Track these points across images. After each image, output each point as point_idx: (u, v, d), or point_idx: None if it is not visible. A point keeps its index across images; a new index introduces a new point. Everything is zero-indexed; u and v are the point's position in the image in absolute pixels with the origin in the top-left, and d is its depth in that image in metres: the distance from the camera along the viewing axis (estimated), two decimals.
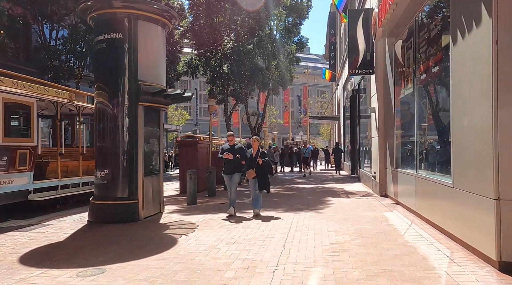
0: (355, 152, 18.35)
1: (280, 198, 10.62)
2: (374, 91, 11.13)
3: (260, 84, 19.73)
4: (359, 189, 12.44)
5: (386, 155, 10.07)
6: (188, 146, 12.53)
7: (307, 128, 44.04)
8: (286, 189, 12.95)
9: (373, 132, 11.36)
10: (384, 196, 10.27)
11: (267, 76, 20.47)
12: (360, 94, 15.33)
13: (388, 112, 9.88)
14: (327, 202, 9.58)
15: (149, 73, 7.82)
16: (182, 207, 9.38)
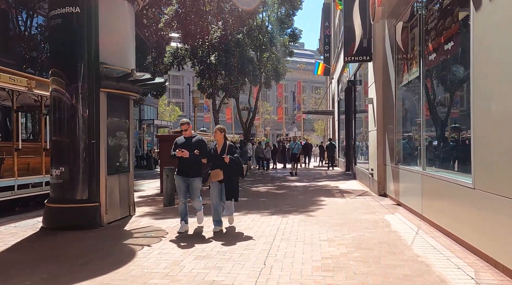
0: (350, 148, 17.31)
1: (268, 198, 9.54)
2: (371, 80, 10.05)
3: (250, 77, 18.63)
4: (354, 187, 11.39)
5: (386, 150, 9.01)
6: (169, 141, 11.36)
7: (301, 124, 42.99)
8: (276, 187, 11.87)
9: (370, 125, 10.30)
10: (383, 195, 9.23)
11: (258, 68, 19.33)
12: (356, 86, 14.26)
13: (388, 103, 8.81)
14: (320, 203, 8.51)
15: (114, 55, 6.69)
16: (157, 209, 8.27)
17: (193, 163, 5.75)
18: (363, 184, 11.97)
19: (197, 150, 5.66)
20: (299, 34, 23.78)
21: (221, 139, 5.80)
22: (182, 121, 6.02)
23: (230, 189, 5.84)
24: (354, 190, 10.68)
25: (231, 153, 5.70)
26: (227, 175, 5.70)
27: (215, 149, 5.79)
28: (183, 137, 5.95)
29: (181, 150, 5.66)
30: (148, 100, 36.46)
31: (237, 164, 5.75)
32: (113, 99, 6.77)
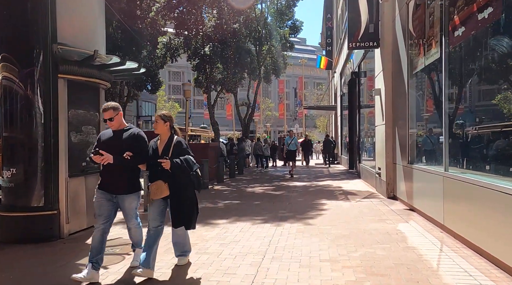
0: (353, 144, 16.18)
1: (263, 201, 8.44)
2: (379, 69, 8.92)
3: (248, 70, 17.49)
4: (359, 188, 10.28)
5: (396, 146, 7.89)
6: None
7: (303, 120, 41.83)
8: (273, 188, 10.77)
9: (377, 119, 9.17)
10: (392, 198, 8.12)
11: (257, 61, 18.17)
12: (360, 78, 13.11)
13: (398, 93, 7.68)
14: (321, 207, 7.41)
15: (76, 36, 5.59)
16: None
17: (124, 172, 3.71)
18: (368, 184, 10.86)
19: (129, 151, 3.59)
20: (300, 26, 22.56)
21: (166, 132, 3.78)
22: (105, 106, 3.78)
23: (177, 210, 3.75)
24: (359, 191, 9.56)
25: (178, 153, 3.65)
26: (174, 188, 3.68)
27: (155, 148, 3.76)
28: (111, 131, 3.83)
29: (99, 152, 3.54)
30: (146, 96, 35.42)
31: (185, 171, 3.61)
32: (76, 88, 5.69)
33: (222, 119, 52.05)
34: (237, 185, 11.81)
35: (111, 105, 3.80)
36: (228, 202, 8.43)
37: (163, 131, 3.79)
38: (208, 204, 8.20)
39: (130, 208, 3.88)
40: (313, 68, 63.08)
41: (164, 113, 3.87)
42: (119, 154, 3.59)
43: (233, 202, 8.42)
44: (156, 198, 3.72)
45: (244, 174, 15.89)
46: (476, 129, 4.83)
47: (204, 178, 10.99)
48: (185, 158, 3.66)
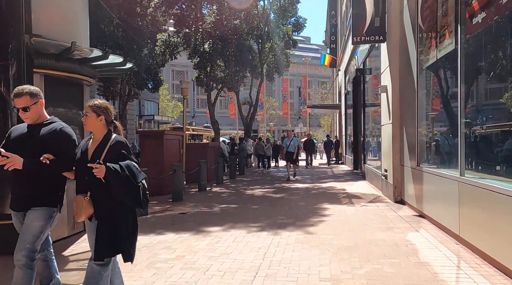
0: (358, 144, 15.59)
1: (262, 204, 7.91)
2: (385, 65, 8.35)
3: (250, 68, 16.95)
4: (364, 190, 9.71)
5: (403, 147, 7.32)
6: (151, 138, 9.83)
7: (307, 119, 41.21)
8: (273, 190, 10.24)
9: (383, 118, 8.60)
10: (399, 202, 7.55)
11: (258, 58, 17.61)
12: (365, 75, 12.52)
13: (406, 90, 7.12)
14: (323, 213, 6.87)
15: (54, 28, 5.11)
16: None
17: (41, 182, 2.79)
18: (374, 186, 10.29)
19: (48, 154, 2.71)
20: (304, 23, 21.97)
21: (100, 129, 2.71)
22: (18, 91, 2.77)
23: (105, 238, 2.58)
24: (364, 194, 9.00)
25: (116, 157, 2.62)
26: (103, 204, 2.61)
27: (84, 150, 2.73)
28: (25, 126, 2.89)
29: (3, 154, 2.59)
30: (149, 95, 35.02)
31: (125, 182, 2.54)
32: (56, 84, 5.22)
33: (226, 118, 51.60)
34: (236, 187, 11.29)
35: (26, 90, 2.75)
36: (225, 205, 7.91)
37: (95, 128, 2.71)
38: (203, 208, 7.70)
39: (26, 229, 2.73)
40: (317, 67, 62.36)
41: (97, 104, 2.70)
42: (32, 156, 2.67)
43: (230, 205, 7.90)
44: (79, 220, 2.62)
45: (245, 174, 15.38)
46: (496, 129, 4.27)
47: (202, 180, 10.52)
48: (126, 165, 2.58)
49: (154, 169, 9.52)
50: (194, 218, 6.68)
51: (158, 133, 9.80)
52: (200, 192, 10.17)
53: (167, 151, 9.91)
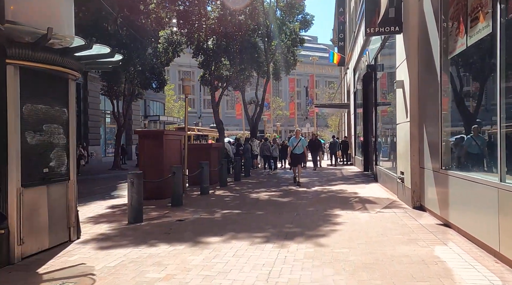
0: (369, 145, 14.84)
1: (267, 210, 7.24)
2: (401, 58, 7.63)
3: (255, 65, 16.28)
4: (377, 194, 9.00)
5: (423, 148, 6.60)
6: (150, 138, 9.20)
7: (314, 119, 40.42)
8: (280, 194, 9.55)
9: (399, 116, 7.88)
10: (418, 208, 6.83)
11: (264, 56, 16.94)
12: (377, 71, 11.78)
13: (427, 84, 6.39)
14: (334, 220, 6.18)
15: (34, 14, 4.50)
16: (116, 227, 6.08)
17: None
18: (388, 189, 9.56)
19: None
20: (311, 21, 21.21)
21: None
22: None
23: None
24: (377, 199, 8.28)
25: None
26: None
27: None
28: None
29: None
30: (155, 96, 34.54)
31: None
32: (34, 78, 4.61)
33: (232, 118, 50.99)
34: (241, 190, 10.63)
35: None
36: (227, 211, 7.26)
37: None
38: (203, 213, 7.05)
39: None
40: (325, 66, 61.50)
41: None
42: None
43: (232, 211, 7.24)
44: None
45: (251, 176, 14.71)
46: None
47: (204, 183, 9.88)
48: None
49: (153, 171, 8.92)
50: (192, 226, 6.04)
51: (157, 134, 9.19)
52: (202, 196, 9.54)
53: (167, 152, 9.29)
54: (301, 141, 11.27)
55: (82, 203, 8.37)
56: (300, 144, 11.16)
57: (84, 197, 9.65)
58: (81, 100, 24.85)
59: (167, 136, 9.40)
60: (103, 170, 19.00)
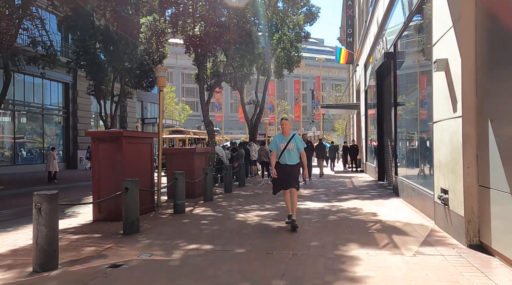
0: (384, 150, 12.44)
1: (251, 245, 4.88)
2: (444, 26, 5.26)
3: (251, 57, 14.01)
4: (404, 216, 6.61)
5: (488, 157, 4.22)
6: (105, 141, 6.92)
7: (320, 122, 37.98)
8: (276, 214, 7.19)
9: (438, 110, 5.51)
10: (476, 247, 4.44)
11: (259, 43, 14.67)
12: (397, 60, 9.41)
13: (497, 60, 4.03)
14: (351, 271, 3.82)
15: None
16: (10, 280, 3.79)
17: None
18: (416, 208, 7.17)
19: None
20: (317, 13, 18.93)
21: None
22: None
23: None
24: (407, 225, 5.89)
25: None
26: None
27: None
28: None
29: None
30: (153, 98, 32.45)
31: None
32: None
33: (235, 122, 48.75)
34: (227, 206, 8.31)
35: None
36: (194, 246, 4.94)
37: None
38: (157, 251, 4.73)
39: None
40: (331, 69, 59.09)
41: None
42: None
43: (201, 247, 4.92)
44: None
45: (246, 186, 12.39)
46: None
47: (178, 198, 7.58)
48: None
49: (109, 184, 6.68)
50: (126, 281, 3.74)
51: (114, 135, 6.90)
52: (175, 216, 7.25)
53: (128, 159, 7.01)
54: (295, 140, 5.99)
55: None
56: (293, 145, 5.96)
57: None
58: (70, 101, 22.84)
59: (129, 139, 7.13)
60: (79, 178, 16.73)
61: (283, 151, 5.93)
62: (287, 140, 5.97)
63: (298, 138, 6.07)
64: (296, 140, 6.00)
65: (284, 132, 6.06)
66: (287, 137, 6.01)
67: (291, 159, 5.96)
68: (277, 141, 6.08)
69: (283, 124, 6.06)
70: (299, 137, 6.13)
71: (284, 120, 6.11)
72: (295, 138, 6.01)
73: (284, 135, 6.05)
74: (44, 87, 21.28)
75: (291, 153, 5.96)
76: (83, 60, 17.55)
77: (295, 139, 6.02)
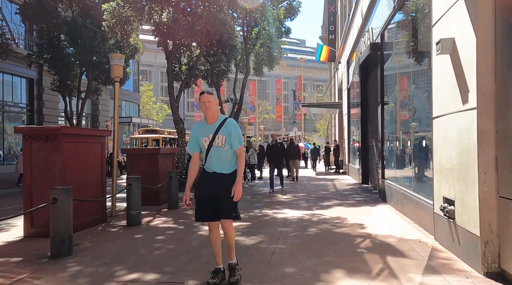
0: (368, 151, 11.52)
1: (210, 268, 3.73)
2: (445, 4, 4.25)
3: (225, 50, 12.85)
4: (397, 228, 5.60)
5: (509, 160, 3.20)
6: (40, 140, 5.62)
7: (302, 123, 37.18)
8: (247, 226, 6.05)
9: (440, 103, 4.51)
10: (497, 276, 3.42)
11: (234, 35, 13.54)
12: (385, 51, 8.45)
13: None
14: None
15: None
16: None
17: None
18: (409, 218, 6.17)
19: None
20: (298, 8, 17.92)
21: None
22: None
23: None
24: (402, 241, 4.85)
25: None
26: None
27: None
28: None
29: None
30: (128, 96, 30.84)
31: None
32: None
33: None
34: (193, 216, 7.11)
35: None
36: (134, 277, 3.74)
37: None
38: None
39: None
40: (312, 69, 58.50)
41: None
42: None
43: (142, 279, 3.72)
44: None
45: None
46: None
47: (132, 208, 6.34)
48: None
49: (42, 193, 5.39)
50: None
51: (50, 132, 5.60)
52: (126, 230, 6.01)
53: (70, 161, 5.74)
54: (227, 130, 3.41)
55: None
56: (224, 139, 3.42)
57: None
58: (35, 98, 21.07)
59: (70, 138, 5.84)
60: None
61: (209, 150, 3.38)
62: (214, 131, 3.36)
63: (233, 126, 3.40)
64: (229, 130, 3.36)
65: (208, 117, 3.39)
66: (213, 124, 3.38)
67: (222, 163, 3.40)
68: (196, 133, 3.44)
69: (204, 103, 3.31)
70: (235, 124, 3.46)
71: (205, 96, 3.32)
72: (227, 126, 3.38)
73: (208, 122, 3.39)
74: (5, 83, 19.50)
75: (222, 153, 3.38)
76: (46, 53, 16.00)
77: (228, 127, 3.38)
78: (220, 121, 3.40)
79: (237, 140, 3.38)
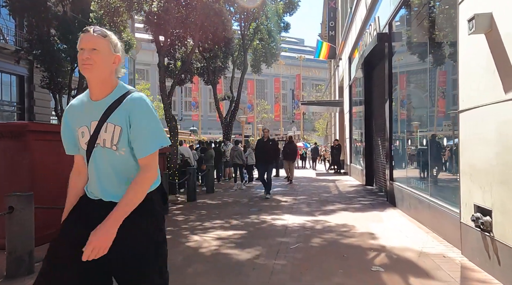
0: (372, 151, 10.79)
1: None
2: None
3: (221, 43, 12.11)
4: (413, 239, 4.86)
5: None
6: (4, 138, 4.85)
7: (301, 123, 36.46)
8: (242, 234, 5.31)
9: (470, 93, 3.77)
10: None
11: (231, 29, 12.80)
12: (394, 41, 7.71)
13: None
14: None
15: None
16: None
17: None
18: (422, 225, 5.42)
19: None
20: (297, 2, 17.23)
21: None
22: None
23: None
24: (422, 255, 4.11)
25: None
26: None
27: None
28: None
29: None
30: None
31: None
32: None
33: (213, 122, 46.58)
34: (183, 223, 6.36)
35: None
36: None
37: None
38: None
39: None
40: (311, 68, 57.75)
41: None
42: None
43: None
44: None
45: (216, 192, 10.48)
46: None
47: None
48: None
49: None
50: None
51: (15, 129, 4.81)
52: None
53: (41, 162, 4.98)
54: (120, 114, 1.58)
55: None
56: (118, 133, 1.59)
57: None
58: (25, 96, 20.28)
59: (40, 135, 5.07)
60: None
61: (89, 154, 1.66)
62: (99, 116, 1.61)
63: (141, 109, 1.59)
64: (131, 116, 1.58)
65: (92, 87, 1.64)
66: (101, 102, 1.63)
67: (112, 181, 1.64)
68: (69, 119, 1.73)
69: (83, 51, 1.59)
70: (145, 104, 1.60)
71: (85, 36, 1.61)
72: (127, 106, 1.59)
73: (92, 98, 1.65)
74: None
75: (115, 161, 1.63)
76: (36, 49, 15.22)
77: (129, 109, 1.59)
78: (114, 97, 1.62)
79: (147, 138, 1.58)
